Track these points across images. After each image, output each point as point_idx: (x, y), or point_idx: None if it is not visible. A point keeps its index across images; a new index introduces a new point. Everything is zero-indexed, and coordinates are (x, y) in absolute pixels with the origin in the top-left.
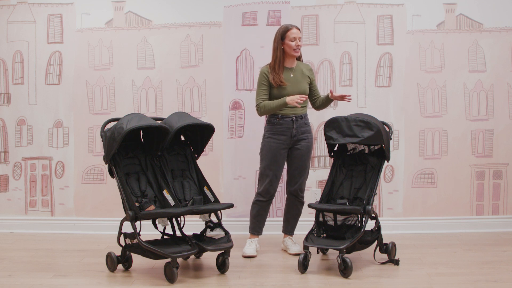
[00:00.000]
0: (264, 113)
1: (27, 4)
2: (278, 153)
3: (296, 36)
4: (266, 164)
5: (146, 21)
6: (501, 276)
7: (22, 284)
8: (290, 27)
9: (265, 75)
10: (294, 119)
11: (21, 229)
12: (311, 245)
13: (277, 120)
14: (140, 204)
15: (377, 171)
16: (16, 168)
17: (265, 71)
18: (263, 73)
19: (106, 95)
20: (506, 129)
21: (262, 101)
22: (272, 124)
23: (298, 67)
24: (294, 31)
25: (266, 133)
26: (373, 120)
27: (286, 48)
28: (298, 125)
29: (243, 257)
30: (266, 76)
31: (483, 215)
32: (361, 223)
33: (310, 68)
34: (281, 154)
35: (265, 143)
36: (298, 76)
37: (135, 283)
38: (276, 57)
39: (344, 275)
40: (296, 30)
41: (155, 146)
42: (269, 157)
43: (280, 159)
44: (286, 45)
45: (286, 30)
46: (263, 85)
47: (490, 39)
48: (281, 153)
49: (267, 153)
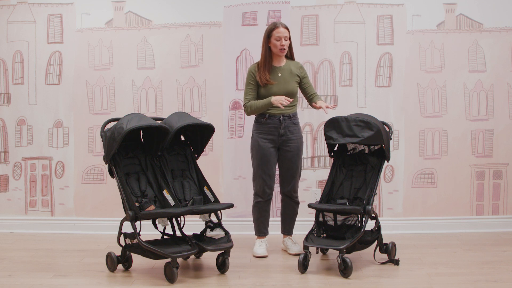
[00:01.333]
0: (251, 112)
1: (27, 4)
2: (267, 152)
3: (282, 35)
4: (258, 163)
5: (146, 21)
6: (501, 276)
7: (22, 284)
8: (277, 26)
9: (252, 74)
10: (282, 119)
11: (21, 229)
12: (311, 245)
13: (264, 120)
14: (140, 204)
15: (377, 171)
16: (16, 168)
17: (253, 70)
18: (250, 72)
19: (106, 95)
20: (506, 129)
21: (249, 100)
22: (260, 123)
23: (286, 65)
24: (280, 30)
25: (254, 132)
26: (373, 120)
27: (272, 47)
28: (286, 125)
29: (254, 257)
30: (253, 75)
31: (483, 215)
32: (361, 223)
33: (300, 65)
34: (271, 152)
35: (254, 142)
36: (286, 75)
37: (135, 283)
38: (264, 56)
39: (344, 275)
40: (282, 29)
41: (155, 146)
42: (259, 157)
43: (270, 157)
44: (271, 44)
45: (273, 29)
46: (250, 84)
47: (490, 39)
48: (271, 151)
49: (257, 153)
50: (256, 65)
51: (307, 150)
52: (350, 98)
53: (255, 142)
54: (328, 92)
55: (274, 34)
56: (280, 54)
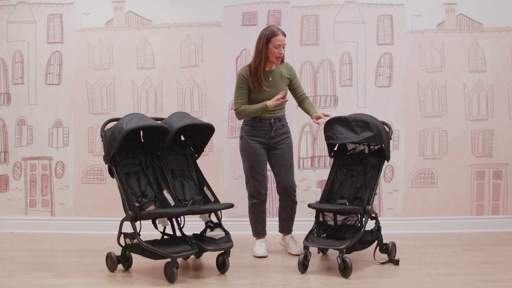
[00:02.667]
0: (243, 117)
1: (27, 4)
2: (258, 152)
3: (281, 43)
4: (250, 165)
5: (146, 21)
6: (501, 276)
7: (22, 284)
8: (277, 33)
9: (243, 78)
10: (272, 122)
11: (21, 229)
12: (311, 245)
13: (255, 122)
14: (140, 204)
15: (377, 171)
16: (16, 168)
17: (244, 73)
18: (241, 75)
19: (106, 95)
20: (506, 129)
21: (241, 105)
22: (250, 126)
23: (277, 69)
24: (280, 38)
25: (243, 134)
26: (373, 120)
27: (269, 53)
28: (276, 127)
29: (254, 257)
30: (245, 79)
31: (483, 215)
32: (361, 223)
33: (289, 67)
34: (262, 153)
35: (243, 143)
36: (277, 79)
37: (135, 283)
38: (258, 61)
39: (344, 275)
40: (282, 37)
41: (155, 146)
42: (250, 157)
43: (262, 158)
44: (269, 50)
45: (273, 35)
46: (241, 88)
47: (490, 39)
48: (261, 152)
49: (248, 154)
50: (248, 69)
51: (307, 150)
52: (350, 98)
53: (246, 143)
54: (328, 92)
55: (274, 41)
56: (276, 62)
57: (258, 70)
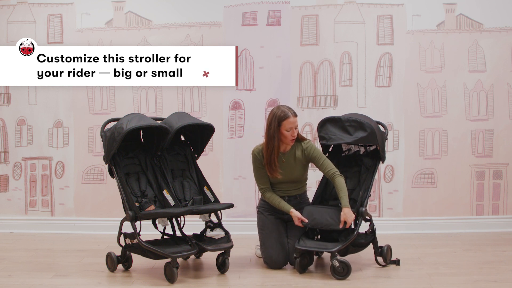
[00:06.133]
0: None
1: (27, 4)
2: (275, 222)
3: (293, 125)
4: (262, 237)
5: (146, 21)
6: (501, 276)
7: (22, 284)
8: (288, 115)
9: (258, 159)
10: (287, 199)
11: (21, 229)
12: (303, 247)
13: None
14: (140, 204)
15: (371, 173)
16: (16, 168)
17: (257, 155)
18: (256, 158)
19: (106, 95)
20: (506, 129)
21: (266, 189)
22: (266, 202)
23: (291, 150)
24: (291, 120)
25: (259, 208)
26: (366, 120)
27: (281, 136)
28: (292, 205)
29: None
30: (260, 161)
31: (483, 215)
32: (355, 225)
33: (305, 147)
34: (279, 223)
35: (259, 217)
36: (291, 161)
37: (135, 283)
38: (272, 147)
39: (340, 277)
40: (293, 119)
41: (155, 146)
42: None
43: (280, 227)
44: (281, 134)
45: (284, 118)
46: (259, 169)
47: (490, 39)
48: (278, 222)
49: (262, 225)
50: (261, 152)
51: None
52: (350, 98)
53: (261, 218)
54: (328, 92)
55: (285, 124)
56: (290, 144)
57: (272, 156)
